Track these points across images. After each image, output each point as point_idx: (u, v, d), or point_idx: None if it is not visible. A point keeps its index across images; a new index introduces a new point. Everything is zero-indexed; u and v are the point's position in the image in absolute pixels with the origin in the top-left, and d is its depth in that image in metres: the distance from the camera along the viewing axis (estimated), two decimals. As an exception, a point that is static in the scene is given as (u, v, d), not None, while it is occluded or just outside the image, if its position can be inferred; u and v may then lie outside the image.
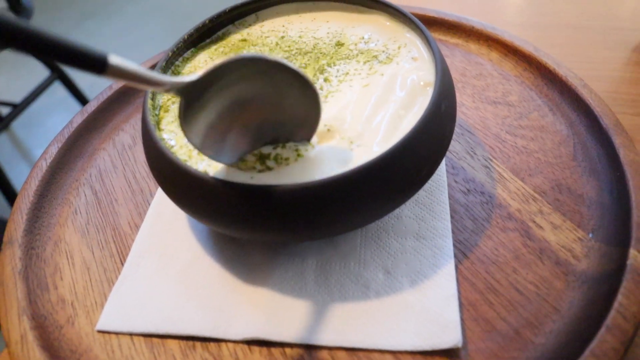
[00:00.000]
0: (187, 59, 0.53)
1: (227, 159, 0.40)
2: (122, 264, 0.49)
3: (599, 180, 0.51)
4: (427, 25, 0.72)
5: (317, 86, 0.47)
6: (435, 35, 0.72)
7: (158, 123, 0.46)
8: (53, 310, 0.46)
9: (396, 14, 0.52)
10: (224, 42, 0.55)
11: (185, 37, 0.52)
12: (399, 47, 0.50)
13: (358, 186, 0.37)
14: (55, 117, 2.27)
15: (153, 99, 0.47)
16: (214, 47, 0.54)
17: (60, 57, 0.27)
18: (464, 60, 0.68)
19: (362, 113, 0.43)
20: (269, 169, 0.40)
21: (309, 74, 0.48)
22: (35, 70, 2.17)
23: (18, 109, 1.82)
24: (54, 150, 0.59)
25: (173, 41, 0.52)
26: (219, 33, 0.56)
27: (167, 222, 0.52)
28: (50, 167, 0.57)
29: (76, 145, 0.61)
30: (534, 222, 0.49)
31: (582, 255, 0.46)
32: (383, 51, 0.50)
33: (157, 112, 0.46)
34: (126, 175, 0.58)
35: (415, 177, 0.41)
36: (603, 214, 0.48)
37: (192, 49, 0.54)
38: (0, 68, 2.46)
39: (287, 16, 0.57)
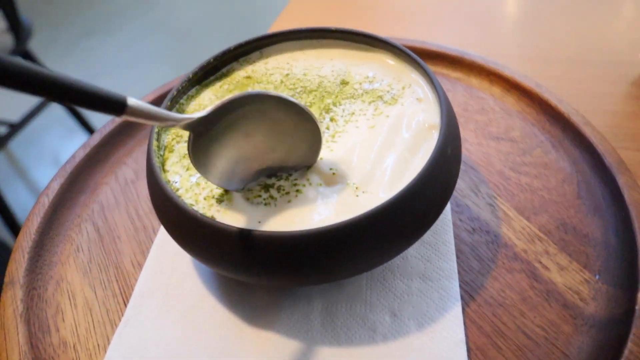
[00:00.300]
0: (192, 97, 0.53)
1: (233, 186, 0.42)
2: (125, 305, 0.49)
3: (604, 220, 0.51)
4: (429, 59, 0.73)
5: (324, 125, 0.47)
6: (436, 70, 0.72)
7: (163, 164, 0.45)
8: (55, 354, 0.45)
9: (400, 53, 0.52)
10: (228, 79, 0.55)
11: (190, 75, 0.52)
12: (403, 88, 0.50)
13: (364, 233, 0.37)
14: (52, 136, 2.26)
15: (158, 139, 0.46)
16: (218, 85, 0.54)
17: (84, 102, 0.28)
18: (465, 94, 0.68)
19: (368, 156, 0.43)
20: (273, 198, 0.41)
21: (314, 113, 0.48)
22: (32, 90, 2.17)
23: (15, 128, 1.82)
24: (55, 186, 0.58)
25: (171, 59, 0.52)
26: (223, 70, 0.56)
27: (170, 262, 0.52)
28: (52, 203, 0.57)
29: (78, 180, 0.61)
30: (540, 262, 0.49)
31: (589, 298, 0.46)
32: (388, 91, 0.50)
33: (161, 153, 0.46)
34: (129, 211, 0.58)
35: (421, 222, 0.41)
36: (609, 255, 0.48)
37: (197, 87, 0.54)
38: (-3, 87, 2.46)
39: (291, 53, 0.57)
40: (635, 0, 0.94)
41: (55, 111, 2.18)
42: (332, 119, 0.48)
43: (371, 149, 0.44)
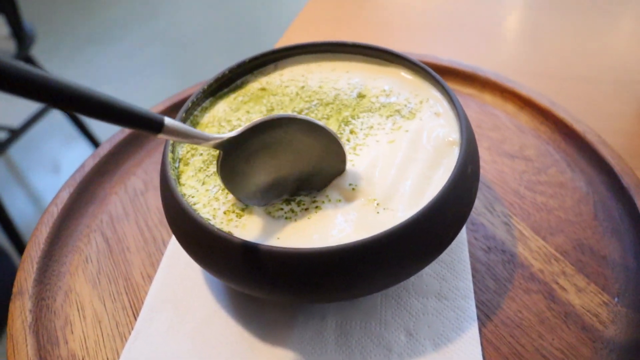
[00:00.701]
0: (206, 109, 0.52)
1: (258, 202, 0.42)
2: (135, 318, 0.48)
3: (622, 241, 0.51)
4: (441, 75, 0.72)
5: (344, 138, 0.46)
6: (449, 86, 0.72)
7: (178, 177, 0.45)
8: (63, 368, 0.44)
9: (416, 68, 0.52)
10: (242, 91, 0.54)
11: (205, 87, 0.51)
12: (420, 102, 0.50)
13: (384, 252, 0.37)
14: (52, 142, 2.25)
15: (173, 151, 0.46)
16: (232, 96, 0.54)
17: (124, 121, 0.30)
18: (479, 111, 0.68)
19: (388, 172, 0.43)
20: (294, 212, 0.41)
21: (332, 125, 0.48)
22: (34, 96, 2.16)
23: (16, 134, 1.80)
24: (65, 196, 0.58)
25: (173, 69, 0.52)
26: (238, 82, 0.55)
27: (181, 275, 0.51)
28: (61, 213, 0.56)
29: (87, 190, 0.60)
30: (558, 283, 0.48)
31: (608, 321, 0.45)
32: (405, 105, 0.49)
33: (176, 165, 0.46)
34: (138, 222, 0.57)
35: (440, 241, 0.40)
36: (628, 278, 0.48)
37: (211, 99, 0.53)
38: (-1, 93, 2.46)
39: (307, 65, 0.57)
40: (645, 20, 0.95)
41: (56, 118, 2.17)
42: (351, 132, 0.47)
43: (391, 165, 0.43)
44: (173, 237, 0.54)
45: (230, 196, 0.42)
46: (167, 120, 0.33)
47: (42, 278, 0.50)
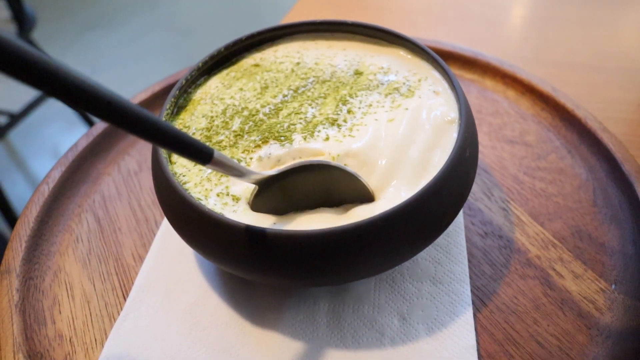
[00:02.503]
0: (199, 85, 0.51)
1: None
2: (125, 298, 0.47)
3: (621, 228, 0.50)
4: (443, 59, 0.71)
5: (341, 119, 0.45)
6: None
7: (169, 155, 0.44)
8: (50, 347, 0.43)
9: (416, 49, 0.50)
10: (235, 67, 0.53)
11: (200, 64, 0.50)
12: (419, 80, 0.48)
13: (381, 234, 0.36)
14: (53, 127, 2.24)
15: None
16: (225, 72, 0.53)
17: (178, 149, 0.31)
18: (479, 96, 0.67)
19: (386, 152, 0.42)
20: None
21: (330, 105, 0.46)
22: (34, 81, 2.15)
23: (16, 118, 1.80)
24: (56, 175, 0.57)
25: (174, 55, 0.51)
26: (232, 59, 0.54)
27: (173, 256, 0.50)
28: (52, 192, 0.55)
29: (80, 169, 0.59)
30: (554, 270, 0.47)
31: (605, 308, 0.44)
32: (404, 83, 0.48)
33: None
34: (131, 203, 0.56)
35: (438, 224, 0.40)
36: (626, 265, 0.47)
37: (205, 76, 0.52)
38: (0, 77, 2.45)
39: (303, 42, 0.56)
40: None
41: (56, 103, 2.16)
42: (349, 111, 0.45)
43: (391, 145, 0.42)
44: (165, 219, 0.53)
45: (224, 178, 0.41)
46: (216, 154, 0.33)
47: (30, 257, 0.50)
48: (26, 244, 0.50)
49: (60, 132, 2.21)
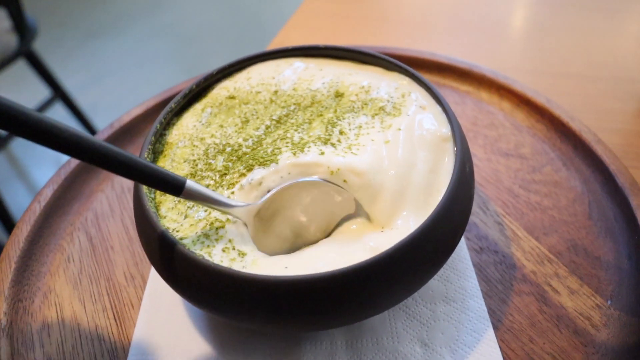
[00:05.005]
0: (172, 125, 0.48)
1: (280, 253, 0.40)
2: (115, 320, 0.47)
3: (616, 242, 0.49)
4: (438, 72, 0.71)
5: (334, 139, 0.43)
6: (445, 82, 0.70)
7: (157, 207, 0.41)
8: (39, 371, 0.43)
9: (392, 66, 0.50)
10: (209, 100, 0.50)
11: (173, 105, 0.48)
12: (402, 96, 0.47)
13: (403, 262, 0.35)
14: (53, 139, 2.24)
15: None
16: (198, 107, 0.50)
17: (148, 181, 0.33)
18: (475, 108, 0.66)
19: (394, 181, 0.40)
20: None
21: (319, 128, 0.45)
22: (36, 90, 2.16)
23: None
24: (48, 192, 0.56)
25: (177, 62, 0.50)
26: (202, 92, 0.52)
27: (169, 307, 0.47)
28: (44, 211, 0.55)
29: (73, 187, 0.59)
30: (550, 285, 0.47)
31: (601, 325, 0.43)
32: (388, 100, 0.47)
33: (152, 196, 0.41)
34: (124, 220, 0.56)
35: (452, 243, 0.39)
36: (622, 280, 0.46)
37: (178, 115, 0.50)
38: (1, 87, 2.45)
39: (276, 66, 0.53)
40: (646, 16, 0.93)
41: (58, 112, 2.16)
42: (341, 132, 0.44)
43: (394, 170, 0.41)
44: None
45: (222, 231, 0.38)
46: (188, 184, 0.35)
47: (20, 279, 0.49)
48: (15, 264, 0.50)
49: (61, 142, 2.21)
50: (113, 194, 0.59)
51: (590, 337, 0.43)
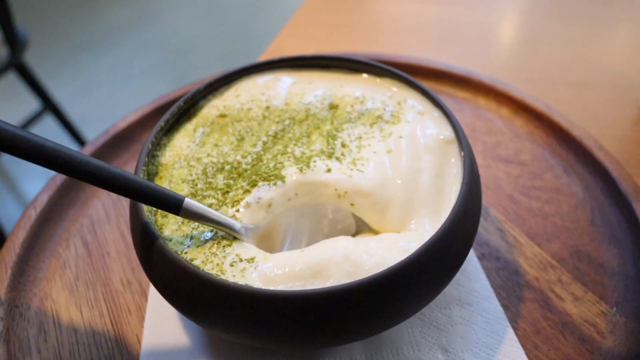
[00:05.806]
0: (164, 146, 0.46)
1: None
2: (112, 326, 0.46)
3: (620, 249, 0.49)
4: (435, 78, 0.71)
5: (337, 152, 0.42)
6: (443, 89, 0.70)
7: (160, 229, 0.39)
8: (34, 379, 0.42)
9: (384, 72, 0.50)
10: (200, 120, 0.48)
11: (162, 124, 0.46)
12: (398, 103, 0.47)
13: (422, 270, 0.34)
14: (44, 149, 2.22)
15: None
16: (190, 127, 0.48)
17: (146, 200, 0.34)
18: (473, 115, 0.66)
19: (401, 191, 0.40)
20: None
21: (319, 142, 0.44)
22: (26, 102, 2.15)
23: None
24: (44, 198, 0.56)
25: (167, 75, 0.49)
26: (191, 111, 0.50)
27: (174, 326, 0.46)
28: (39, 216, 0.54)
29: (68, 193, 0.58)
30: (554, 292, 0.46)
31: (607, 332, 0.43)
32: (384, 109, 0.46)
33: (154, 219, 0.40)
34: (120, 226, 0.55)
35: (466, 247, 0.38)
36: (627, 287, 0.46)
37: (168, 134, 0.48)
38: (-9, 98, 2.43)
39: (264, 82, 0.52)
40: (642, 26, 0.94)
41: (48, 124, 2.14)
42: (343, 145, 0.43)
43: (400, 180, 0.40)
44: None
45: (229, 249, 0.37)
46: (187, 203, 0.35)
47: (16, 284, 0.48)
48: (12, 270, 0.49)
49: (53, 152, 2.19)
50: (109, 200, 0.59)
51: (596, 344, 0.42)
